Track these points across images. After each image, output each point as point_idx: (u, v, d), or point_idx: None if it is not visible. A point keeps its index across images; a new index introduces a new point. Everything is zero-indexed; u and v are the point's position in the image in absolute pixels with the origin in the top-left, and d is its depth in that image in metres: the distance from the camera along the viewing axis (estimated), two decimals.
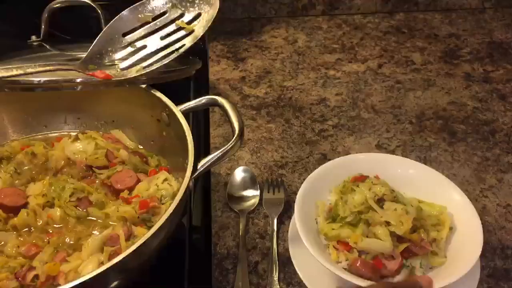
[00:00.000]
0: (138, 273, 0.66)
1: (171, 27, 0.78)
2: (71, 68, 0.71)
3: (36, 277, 0.64)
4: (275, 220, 0.82)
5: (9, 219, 0.72)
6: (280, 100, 1.10)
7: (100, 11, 0.90)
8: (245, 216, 0.83)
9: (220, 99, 0.77)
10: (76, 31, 1.06)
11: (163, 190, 0.76)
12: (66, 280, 0.64)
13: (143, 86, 0.79)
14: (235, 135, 0.71)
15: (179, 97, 0.80)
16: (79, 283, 0.54)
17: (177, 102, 0.78)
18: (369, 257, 0.69)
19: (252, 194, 0.86)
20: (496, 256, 0.78)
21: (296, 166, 0.93)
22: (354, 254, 0.69)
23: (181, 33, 0.78)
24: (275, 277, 0.74)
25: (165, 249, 0.67)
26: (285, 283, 0.74)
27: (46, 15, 0.92)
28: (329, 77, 1.16)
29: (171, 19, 0.77)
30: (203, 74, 1.16)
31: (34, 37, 0.93)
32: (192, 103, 0.79)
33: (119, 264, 0.57)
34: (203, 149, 0.97)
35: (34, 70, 0.68)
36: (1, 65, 0.69)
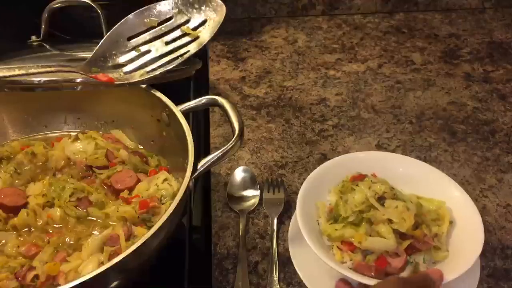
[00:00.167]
0: (138, 273, 0.66)
1: (177, 33, 0.77)
2: (74, 70, 0.71)
3: (36, 277, 0.64)
4: (275, 220, 0.82)
5: (9, 219, 0.72)
6: (280, 100, 1.10)
7: (100, 11, 0.90)
8: (245, 216, 0.83)
9: (220, 99, 0.77)
10: (76, 31, 1.06)
11: (163, 190, 0.76)
12: (66, 280, 0.64)
13: (143, 86, 0.79)
14: (235, 135, 0.71)
15: (179, 97, 0.80)
16: (79, 283, 0.55)
17: (177, 102, 0.78)
18: (374, 256, 0.69)
19: (252, 194, 0.86)
20: (496, 256, 0.78)
21: (296, 166, 0.93)
22: (358, 254, 0.69)
23: (186, 39, 0.78)
24: (275, 277, 0.74)
25: (165, 249, 0.67)
26: (285, 283, 0.74)
27: (46, 15, 0.92)
28: (329, 77, 1.16)
29: (177, 25, 0.76)
30: (203, 74, 1.16)
31: (34, 37, 0.93)
32: (192, 103, 0.79)
33: (119, 264, 0.57)
34: (203, 149, 0.97)
35: (36, 71, 0.68)
36: (3, 65, 0.69)
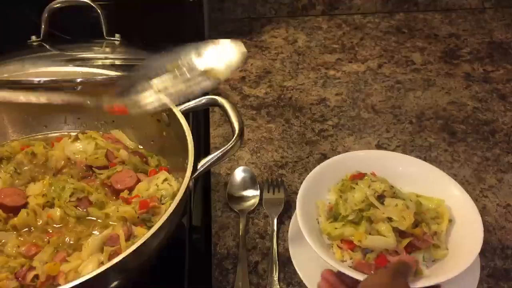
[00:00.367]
0: (138, 273, 0.66)
1: (196, 73, 0.77)
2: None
3: (36, 277, 0.64)
4: (275, 220, 0.82)
5: (9, 219, 0.72)
6: (280, 100, 1.09)
7: (100, 11, 0.90)
8: (245, 216, 0.83)
9: (220, 99, 0.77)
10: (76, 31, 1.07)
11: (163, 190, 0.76)
12: (66, 280, 0.64)
13: None
14: (235, 135, 0.71)
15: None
16: (79, 283, 0.55)
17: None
18: (374, 254, 0.69)
19: (252, 194, 0.86)
20: (496, 256, 0.78)
21: (296, 166, 0.93)
22: (358, 253, 0.69)
23: (204, 77, 0.77)
24: (275, 277, 0.74)
25: (165, 249, 0.67)
26: (285, 283, 0.74)
27: (46, 15, 0.92)
28: (329, 77, 1.16)
29: (199, 70, 0.76)
30: None
31: (34, 37, 0.93)
32: (192, 103, 0.79)
33: (119, 264, 0.57)
34: (203, 149, 0.97)
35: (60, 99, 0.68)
36: (3, 65, 0.69)
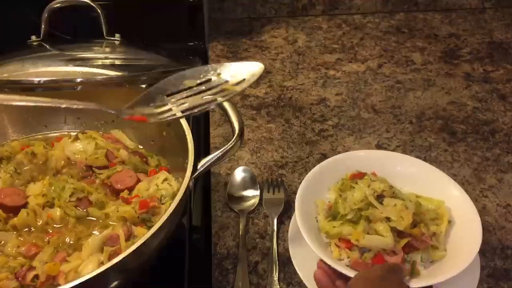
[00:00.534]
0: (138, 273, 0.66)
1: (213, 88, 0.77)
2: (111, 111, 0.70)
3: (36, 277, 0.64)
4: (275, 220, 0.82)
5: (9, 219, 0.72)
6: (280, 100, 1.09)
7: (100, 11, 0.90)
8: (245, 216, 0.83)
9: None
10: (76, 31, 1.07)
11: (163, 190, 0.76)
12: (66, 280, 0.64)
13: (143, 86, 0.79)
14: (235, 135, 0.71)
15: None
16: (79, 283, 0.55)
17: None
18: (371, 254, 0.69)
19: (252, 194, 0.86)
20: (496, 256, 0.78)
21: (296, 166, 0.93)
22: (356, 252, 0.69)
23: (219, 90, 0.77)
24: (275, 277, 0.74)
25: (165, 249, 0.67)
26: (285, 283, 0.74)
27: (46, 15, 0.92)
28: (329, 77, 1.16)
29: (215, 85, 0.76)
30: None
31: (34, 37, 0.93)
32: None
33: (119, 264, 0.57)
34: (203, 149, 0.97)
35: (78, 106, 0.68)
36: (3, 65, 0.68)
